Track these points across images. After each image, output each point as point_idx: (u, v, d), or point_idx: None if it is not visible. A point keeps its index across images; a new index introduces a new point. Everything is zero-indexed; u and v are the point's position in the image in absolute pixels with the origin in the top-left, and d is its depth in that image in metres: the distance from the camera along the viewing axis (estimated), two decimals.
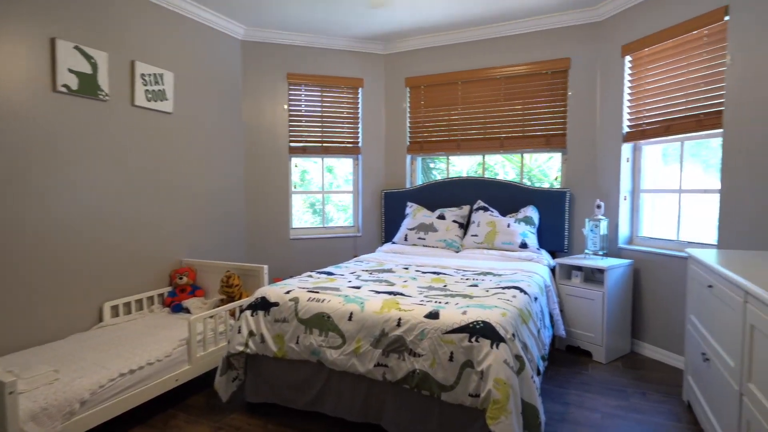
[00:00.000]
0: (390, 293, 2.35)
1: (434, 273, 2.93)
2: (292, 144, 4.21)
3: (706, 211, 2.93)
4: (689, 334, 2.39)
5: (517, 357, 1.85)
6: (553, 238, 3.67)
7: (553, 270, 3.37)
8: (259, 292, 2.46)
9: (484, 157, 4.23)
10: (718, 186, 2.71)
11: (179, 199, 3.37)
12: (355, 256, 3.91)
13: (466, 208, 3.91)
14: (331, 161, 4.71)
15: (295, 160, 4.44)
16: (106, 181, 2.84)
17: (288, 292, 2.38)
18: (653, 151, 3.34)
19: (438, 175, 4.88)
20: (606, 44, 3.44)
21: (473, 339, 1.83)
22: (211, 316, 2.61)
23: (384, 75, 4.41)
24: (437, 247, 3.74)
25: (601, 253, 3.28)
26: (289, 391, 2.31)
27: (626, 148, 3.35)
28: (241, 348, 2.32)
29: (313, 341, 2.17)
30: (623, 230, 3.41)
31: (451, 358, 1.86)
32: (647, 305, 3.20)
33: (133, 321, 2.80)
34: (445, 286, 2.58)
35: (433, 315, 1.98)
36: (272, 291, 2.43)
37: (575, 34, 3.60)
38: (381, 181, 4.48)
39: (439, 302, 2.15)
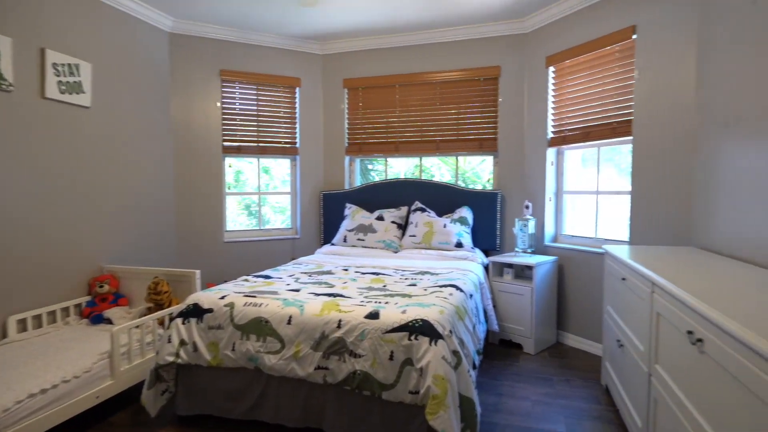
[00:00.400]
0: (330, 295, 2.34)
1: (374, 273, 2.96)
2: (226, 143, 4.05)
3: (620, 210, 3.22)
4: (606, 323, 2.61)
5: (455, 352, 1.91)
6: (487, 237, 3.84)
7: (486, 268, 3.52)
8: (191, 299, 2.34)
9: (421, 160, 4.33)
10: (629, 188, 2.99)
11: (99, 201, 3.11)
12: (294, 259, 3.83)
13: (404, 209, 3.98)
14: (267, 162, 4.59)
15: (229, 160, 4.27)
16: (10, 181, 2.55)
17: (223, 298, 2.29)
18: (574, 155, 3.61)
19: (376, 177, 4.93)
20: (532, 55, 3.66)
21: (413, 337, 1.87)
22: (137, 326, 2.44)
23: (322, 75, 4.37)
24: (376, 247, 3.77)
25: (529, 250, 3.49)
26: (225, 400, 2.22)
27: (551, 153, 3.60)
28: (171, 358, 2.19)
29: (251, 347, 2.10)
30: (549, 229, 3.66)
31: (391, 357, 1.88)
32: (570, 298, 3.45)
33: (45, 335, 2.54)
34: (384, 286, 2.61)
35: (374, 315, 2.00)
36: (206, 297, 2.32)
37: (505, 43, 3.80)
38: (319, 183, 4.44)
39: (379, 302, 2.17)
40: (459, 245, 3.57)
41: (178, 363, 2.21)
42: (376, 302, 2.18)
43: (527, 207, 3.51)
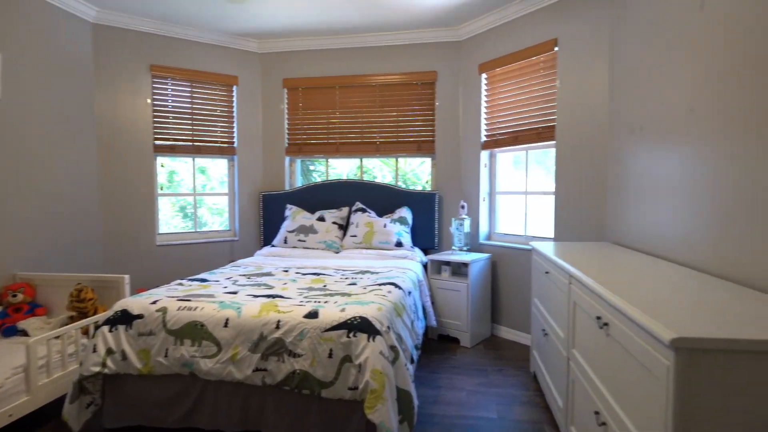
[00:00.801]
0: (269, 296, 2.32)
1: (315, 274, 2.97)
2: (158, 142, 3.87)
3: (547, 209, 3.46)
4: (534, 314, 2.80)
5: (392, 348, 1.97)
6: (426, 236, 3.97)
7: (425, 266, 3.64)
8: (119, 305, 2.22)
9: (361, 161, 4.39)
10: (554, 188, 3.23)
11: (10, 203, 2.86)
12: (232, 261, 3.73)
13: (345, 210, 4.01)
14: (204, 162, 4.43)
15: (161, 160, 4.07)
16: None
17: (154, 303, 2.20)
18: (506, 158, 3.83)
19: (318, 178, 4.91)
20: (466, 62, 3.84)
21: (351, 334, 1.91)
22: (57, 337, 2.27)
23: (260, 74, 4.30)
24: (318, 248, 3.77)
25: (465, 248, 3.65)
26: (157, 409, 2.13)
27: (484, 155, 3.79)
28: (97, 369, 2.07)
29: (185, 353, 2.04)
30: (483, 228, 3.85)
31: (330, 355, 1.91)
32: (503, 293, 3.66)
33: None
34: (324, 286, 2.63)
35: (313, 314, 2.01)
36: (135, 302, 2.22)
37: (441, 50, 3.95)
38: (259, 183, 4.36)
39: (319, 302, 2.19)
40: (399, 244, 3.67)
41: (104, 373, 2.09)
42: (315, 302, 2.19)
43: (463, 207, 3.67)
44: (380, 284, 2.60)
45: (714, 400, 0.97)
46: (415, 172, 5.38)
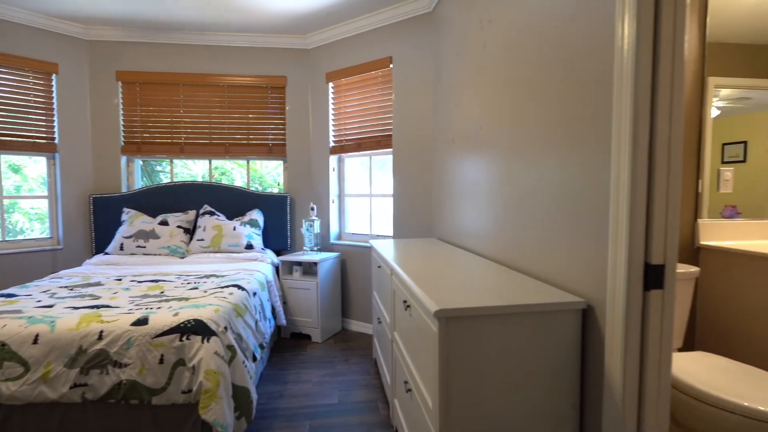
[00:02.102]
0: (93, 307, 2.16)
1: (153, 281, 2.82)
2: None
3: (389, 210, 3.81)
4: (373, 306, 3.09)
5: (229, 347, 2.02)
6: (278, 238, 4.03)
7: (278, 267, 3.71)
8: None
9: (210, 162, 4.25)
10: (392, 191, 3.59)
11: None
12: (53, 273, 3.29)
13: (192, 213, 3.85)
14: (17, 159, 3.80)
15: None
16: None
17: None
18: (353, 162, 4.10)
19: (165, 179, 4.60)
20: (314, 70, 4.02)
21: (184, 337, 1.91)
22: None
23: (88, 64, 3.87)
24: (160, 254, 3.56)
25: (316, 248, 3.82)
26: None
27: (333, 159, 4.01)
28: None
29: None
30: (333, 228, 4.07)
31: (161, 361, 1.88)
32: (352, 289, 3.92)
33: None
34: (162, 292, 2.53)
35: (142, 321, 1.95)
36: None
37: (291, 56, 4.06)
38: (89, 185, 3.92)
39: (151, 308, 2.12)
40: (249, 247, 3.67)
41: None
42: (147, 309, 2.12)
43: (312, 209, 3.84)
44: (223, 287, 2.60)
45: (464, 354, 1.28)
46: (271, 174, 5.39)
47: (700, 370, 1.71)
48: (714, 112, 2.25)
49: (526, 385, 1.32)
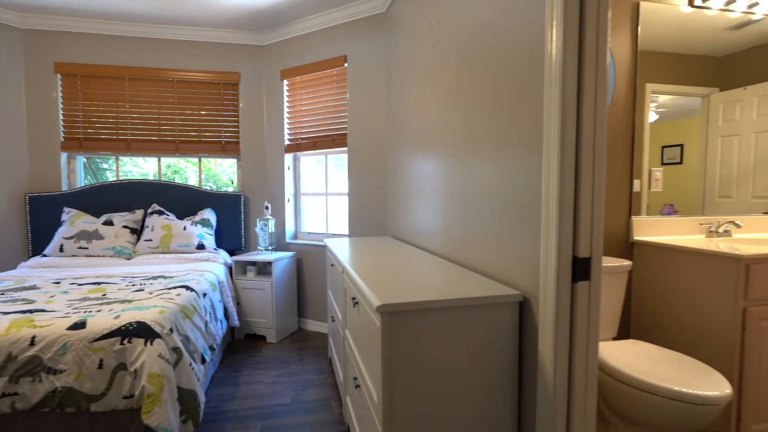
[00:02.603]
0: (26, 311, 2.04)
1: (95, 284, 2.69)
2: None
3: (345, 208, 3.82)
4: (328, 304, 3.09)
5: (175, 349, 1.97)
6: (232, 238, 3.94)
7: (231, 267, 3.63)
8: None
9: (159, 160, 4.10)
10: (347, 190, 3.60)
11: None
12: None
13: (139, 213, 3.70)
14: None
15: None
16: None
17: None
18: (310, 161, 4.08)
19: (113, 178, 4.39)
20: (269, 67, 3.96)
21: (126, 341, 1.84)
22: None
23: (22, 54, 3.63)
24: (104, 256, 3.40)
25: (270, 248, 3.77)
26: None
27: (288, 158, 3.97)
28: None
29: None
30: (289, 227, 4.02)
31: (100, 366, 1.80)
32: (308, 288, 3.90)
33: None
34: (104, 295, 2.42)
35: (79, 325, 1.86)
36: None
37: (244, 52, 3.98)
38: (24, 183, 3.68)
39: (90, 312, 2.03)
40: (201, 247, 3.57)
41: None
42: (85, 312, 2.02)
43: (267, 208, 3.78)
44: (171, 288, 2.52)
45: (407, 349, 1.31)
46: (226, 173, 5.26)
47: (630, 357, 1.83)
48: (653, 117, 2.40)
49: (467, 377, 1.36)
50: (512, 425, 1.42)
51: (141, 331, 1.88)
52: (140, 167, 4.91)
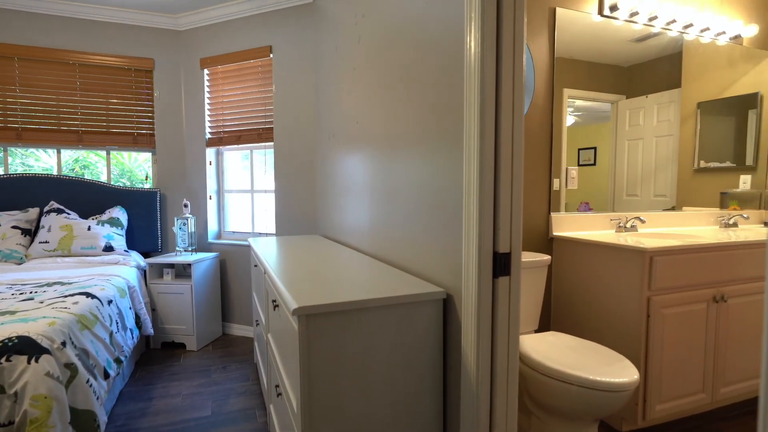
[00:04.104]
0: None
1: None
2: None
3: (272, 206, 3.65)
4: (254, 307, 2.93)
5: (68, 365, 1.74)
6: (146, 238, 3.62)
7: (145, 270, 3.33)
8: None
9: (59, 152, 3.66)
10: (273, 186, 3.44)
11: None
12: None
13: (33, 211, 3.28)
14: None
15: None
16: None
17: None
18: (234, 156, 3.85)
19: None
20: (187, 54, 3.68)
21: (3, 359, 1.58)
22: None
23: None
24: None
25: (191, 249, 3.51)
26: None
27: (210, 152, 3.72)
28: None
29: None
30: (212, 226, 3.78)
31: None
32: (233, 290, 3.68)
33: None
34: None
35: None
36: None
37: (158, 37, 3.66)
38: None
39: None
40: (109, 249, 3.23)
41: None
42: None
43: (186, 206, 3.51)
44: (68, 296, 2.24)
45: (327, 352, 1.23)
46: (142, 169, 4.84)
47: (549, 349, 1.90)
48: (571, 120, 2.52)
49: (391, 378, 1.32)
50: (437, 422, 1.40)
51: (23, 347, 1.63)
52: (43, 162, 4.39)
